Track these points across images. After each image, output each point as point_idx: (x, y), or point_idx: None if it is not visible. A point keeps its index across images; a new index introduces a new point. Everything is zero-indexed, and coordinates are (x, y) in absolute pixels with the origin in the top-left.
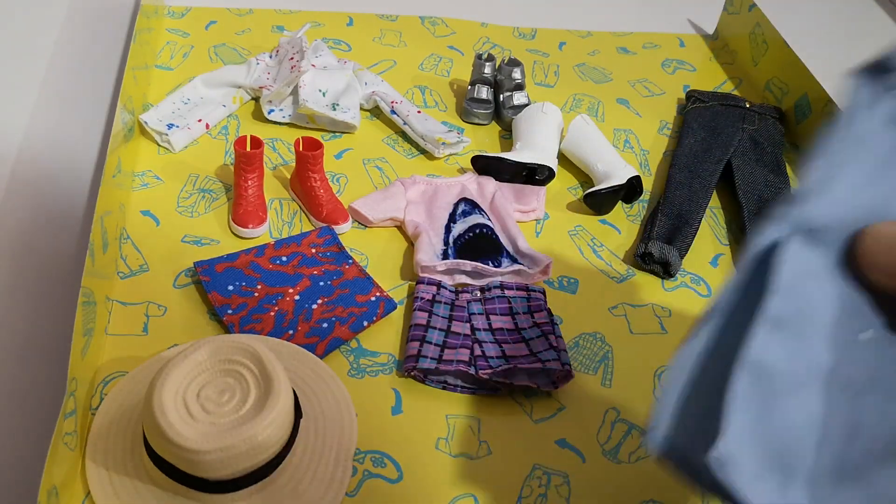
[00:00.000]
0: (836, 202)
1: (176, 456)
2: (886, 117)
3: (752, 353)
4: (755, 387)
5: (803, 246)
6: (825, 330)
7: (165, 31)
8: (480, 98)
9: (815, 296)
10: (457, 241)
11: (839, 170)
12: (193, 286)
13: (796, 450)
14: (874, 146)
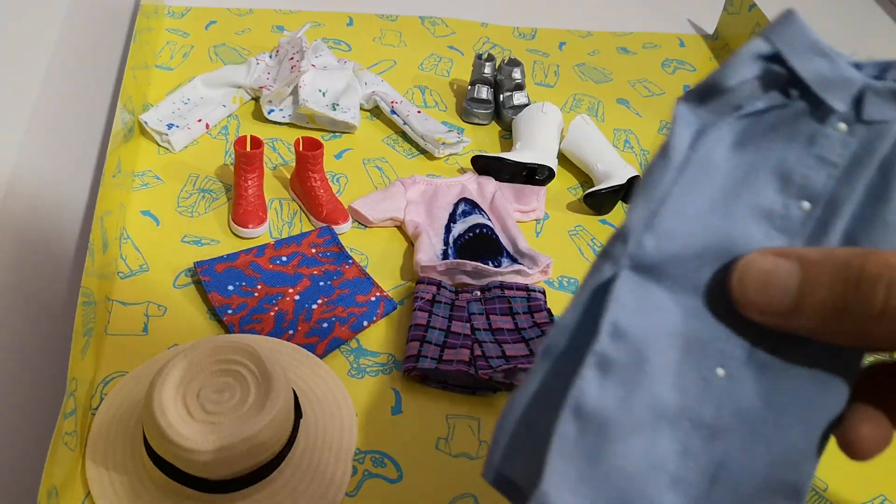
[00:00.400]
0: (677, 234)
1: (176, 456)
2: (730, 142)
3: (578, 397)
4: (583, 431)
5: (638, 283)
6: (669, 368)
7: (165, 31)
8: (480, 98)
9: (653, 334)
10: (457, 241)
11: (679, 200)
12: (193, 286)
13: (643, 494)
14: (718, 173)
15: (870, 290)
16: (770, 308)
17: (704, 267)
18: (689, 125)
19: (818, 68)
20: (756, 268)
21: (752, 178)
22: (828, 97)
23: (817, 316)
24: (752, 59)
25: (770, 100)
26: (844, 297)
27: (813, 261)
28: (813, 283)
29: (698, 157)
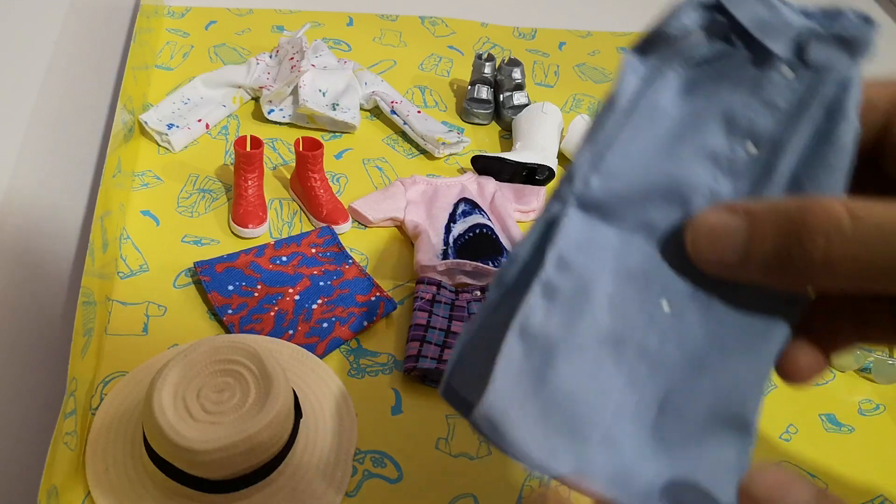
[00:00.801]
0: (623, 175)
1: (176, 456)
2: (677, 89)
3: (523, 321)
4: (529, 352)
5: (584, 219)
6: (613, 299)
7: (165, 31)
8: (480, 98)
9: (598, 267)
10: (457, 241)
11: (626, 143)
12: (193, 286)
13: (590, 415)
14: (665, 118)
15: (810, 242)
16: (721, 262)
17: (651, 206)
18: (636, 73)
19: (758, 14)
20: (706, 225)
21: (699, 123)
22: (769, 42)
23: (764, 268)
24: (694, 7)
25: (715, 47)
26: (788, 250)
27: (758, 215)
28: (758, 238)
29: (645, 102)
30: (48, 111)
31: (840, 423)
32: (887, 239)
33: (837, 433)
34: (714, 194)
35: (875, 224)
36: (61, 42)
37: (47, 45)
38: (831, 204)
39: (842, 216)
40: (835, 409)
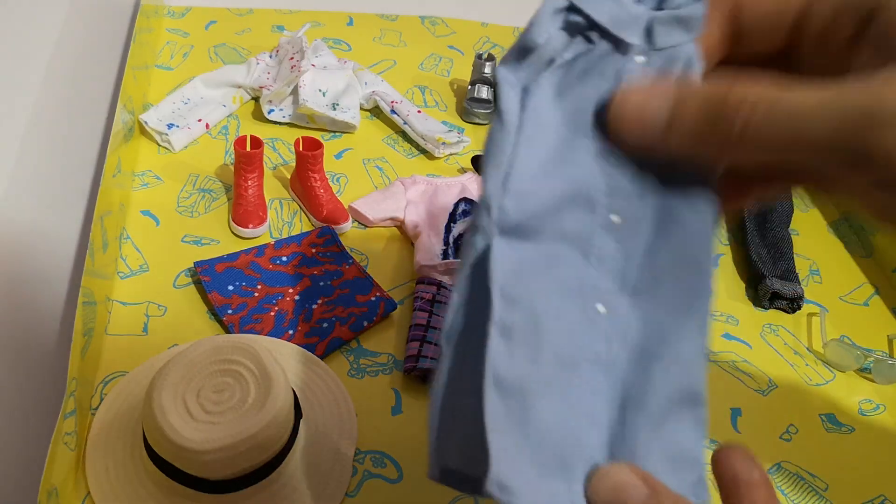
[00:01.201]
0: (531, 191)
1: (176, 456)
2: (552, 94)
3: (493, 370)
4: (507, 400)
5: (511, 245)
6: (560, 318)
7: (165, 31)
8: (481, 98)
9: (538, 290)
10: (457, 240)
11: (524, 159)
12: (193, 286)
13: (574, 441)
14: (550, 125)
15: (731, 116)
16: (645, 136)
17: (563, 213)
18: (513, 86)
19: (609, 10)
20: (630, 101)
21: (580, 122)
22: (622, 34)
23: (685, 140)
24: (553, 13)
25: (577, 48)
26: (709, 124)
27: (682, 91)
28: (682, 112)
29: (529, 115)
30: (48, 111)
31: (840, 423)
32: (798, 118)
33: (838, 433)
34: (611, 187)
35: (792, 105)
36: (61, 42)
37: (47, 45)
38: (749, 83)
39: (759, 96)
40: (835, 409)
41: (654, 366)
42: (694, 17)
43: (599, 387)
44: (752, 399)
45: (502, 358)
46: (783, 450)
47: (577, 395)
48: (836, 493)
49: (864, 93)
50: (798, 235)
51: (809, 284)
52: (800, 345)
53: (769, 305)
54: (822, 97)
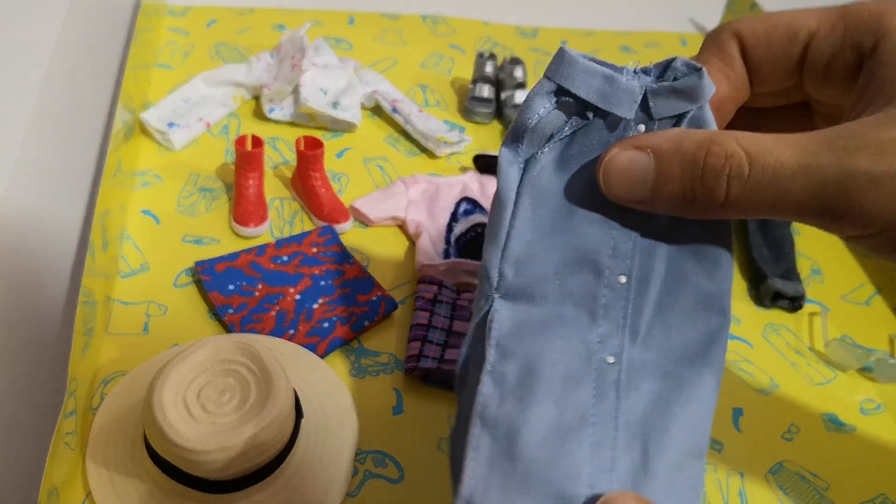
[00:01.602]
0: (529, 259)
1: (176, 456)
2: (553, 168)
3: (481, 410)
4: (494, 438)
5: (512, 307)
6: (561, 377)
7: (166, 30)
8: (482, 97)
9: (538, 349)
10: (458, 240)
11: (522, 229)
12: (194, 286)
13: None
14: (549, 196)
15: (713, 184)
16: (631, 197)
17: (567, 277)
18: (513, 163)
19: (598, 88)
20: (616, 165)
21: (581, 192)
22: (615, 109)
23: (671, 204)
24: (543, 96)
25: (574, 124)
26: (692, 191)
27: (664, 154)
28: (665, 177)
29: (527, 188)
30: (48, 110)
31: (842, 422)
32: (781, 184)
33: (839, 433)
34: (616, 250)
35: (772, 169)
36: (61, 41)
37: (47, 45)
38: (731, 146)
39: (742, 161)
40: (836, 408)
41: (669, 415)
42: (694, 88)
43: (608, 432)
44: (753, 398)
45: (491, 402)
46: (784, 449)
47: (576, 436)
48: (837, 493)
49: (844, 153)
50: (800, 235)
51: (811, 284)
52: (801, 344)
53: (771, 305)
54: (801, 160)
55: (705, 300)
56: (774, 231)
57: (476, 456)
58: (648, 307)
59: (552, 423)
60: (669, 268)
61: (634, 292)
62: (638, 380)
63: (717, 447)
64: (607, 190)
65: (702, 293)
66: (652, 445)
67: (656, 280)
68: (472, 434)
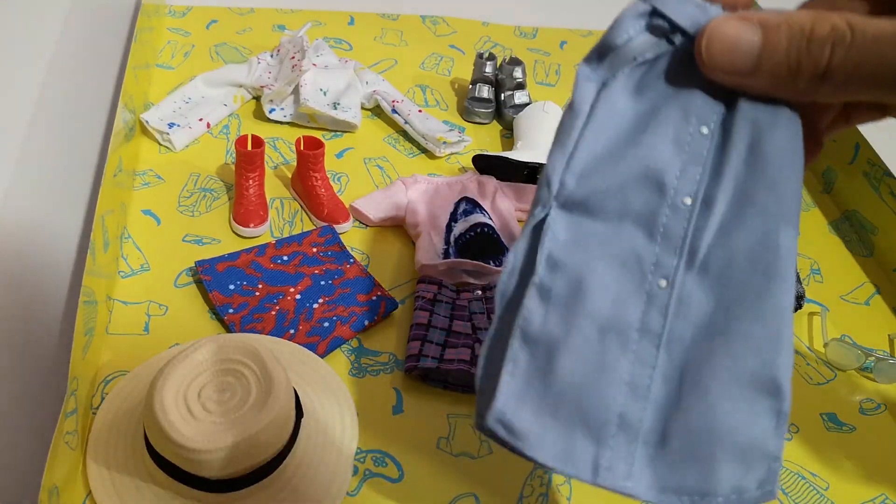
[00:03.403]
0: (595, 171)
1: (177, 455)
2: (631, 89)
3: (523, 325)
4: (533, 355)
5: (569, 218)
6: (609, 288)
7: (166, 30)
8: (481, 97)
9: (589, 260)
10: (458, 240)
11: (591, 142)
12: (194, 285)
13: (600, 402)
14: (624, 116)
15: (818, 52)
16: (734, 69)
17: (629, 193)
18: (591, 81)
19: (691, 14)
20: (722, 33)
21: (656, 115)
22: None
23: (773, 76)
24: (635, 17)
25: (658, 48)
26: (798, 59)
27: (772, 26)
28: (772, 48)
29: (603, 105)
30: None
31: (841, 422)
32: (881, 50)
33: (838, 432)
34: (683, 171)
35: (871, 36)
36: (62, 41)
37: (48, 44)
38: (835, 18)
39: (844, 28)
40: (836, 408)
41: (717, 346)
42: None
43: (648, 358)
44: None
45: (536, 317)
46: (784, 449)
47: (615, 359)
48: (837, 493)
49: None
50: (799, 235)
51: (810, 284)
52: (801, 344)
53: None
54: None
55: (774, 224)
56: None
57: (514, 371)
58: (711, 229)
59: (594, 348)
60: (737, 192)
61: (698, 214)
62: (688, 308)
63: None
64: (708, 59)
65: (771, 216)
66: (690, 379)
67: (721, 203)
68: (512, 348)
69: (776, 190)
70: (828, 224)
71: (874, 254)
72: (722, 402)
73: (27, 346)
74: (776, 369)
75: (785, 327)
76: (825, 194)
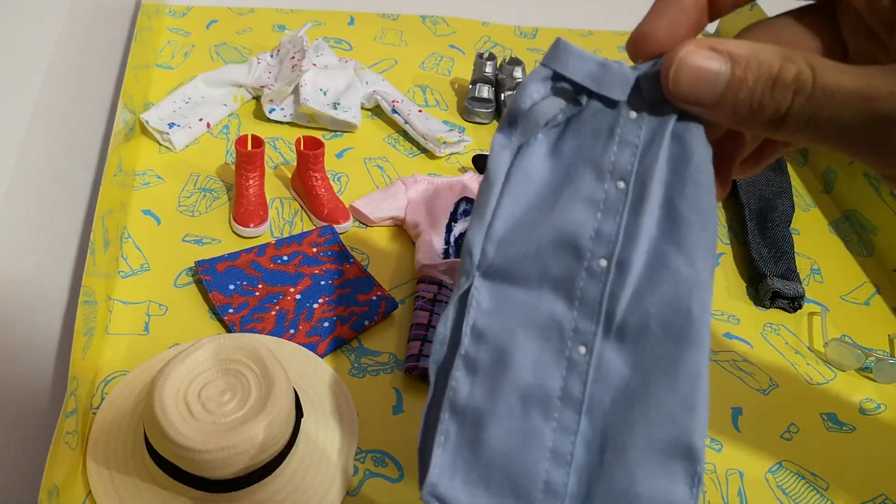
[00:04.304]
0: (512, 238)
1: (177, 455)
2: (544, 153)
3: (452, 397)
4: (462, 425)
5: (491, 287)
6: (530, 356)
7: (166, 30)
8: (481, 97)
9: (511, 329)
10: (458, 240)
11: (507, 210)
12: (194, 285)
13: (527, 471)
14: (538, 180)
15: (781, 95)
16: (696, 100)
17: (546, 259)
18: (505, 148)
19: (591, 72)
20: (690, 63)
21: (570, 175)
22: (608, 92)
23: (735, 112)
24: (539, 81)
25: (567, 111)
26: (761, 100)
27: (741, 60)
28: (737, 84)
29: (518, 171)
30: (49, 110)
31: (841, 422)
32: (834, 106)
33: (838, 432)
34: (598, 232)
35: (829, 89)
36: (62, 41)
37: (48, 45)
38: (801, 62)
39: (807, 76)
40: (836, 408)
41: (635, 412)
42: None
43: (570, 425)
44: (753, 398)
45: (463, 387)
46: (784, 449)
47: (538, 429)
48: (837, 493)
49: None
50: (799, 235)
51: (810, 284)
52: (801, 344)
53: (770, 305)
54: (856, 86)
55: (686, 289)
56: (774, 231)
57: (444, 442)
58: (626, 294)
59: (518, 417)
60: (650, 254)
61: (613, 278)
62: (607, 374)
63: (716, 447)
64: (674, 87)
65: (682, 281)
66: (610, 444)
67: (636, 265)
68: (443, 420)
69: (687, 251)
70: (828, 224)
71: (874, 254)
72: (641, 468)
73: (27, 345)
74: (691, 434)
75: (699, 393)
76: (825, 194)
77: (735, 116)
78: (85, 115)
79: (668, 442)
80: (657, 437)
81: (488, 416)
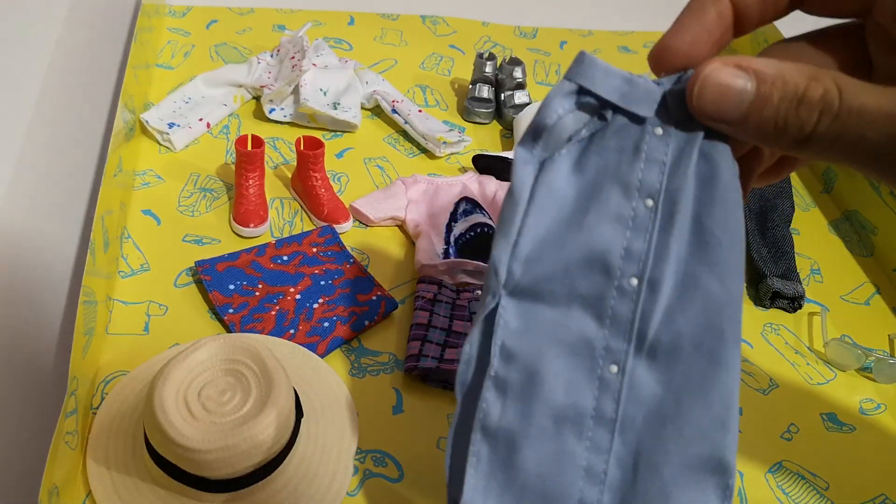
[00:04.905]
0: (539, 256)
1: (177, 455)
2: (568, 169)
3: (483, 419)
4: (494, 447)
5: (518, 305)
6: (562, 375)
7: (166, 30)
8: (481, 97)
9: (541, 348)
10: (458, 240)
11: (533, 228)
12: (194, 285)
13: (562, 492)
14: (564, 197)
15: (806, 115)
16: (721, 117)
17: (575, 277)
18: (528, 164)
19: (618, 88)
20: (715, 79)
21: (597, 193)
22: (634, 108)
23: (760, 130)
24: (563, 96)
25: (592, 126)
26: (786, 119)
27: (767, 79)
28: (762, 103)
29: (542, 187)
30: (49, 110)
31: (841, 422)
32: (861, 127)
33: (838, 432)
34: (628, 250)
35: (856, 110)
36: (62, 41)
37: (48, 44)
38: (828, 81)
39: (834, 96)
40: (836, 408)
41: (668, 430)
42: None
43: (603, 444)
44: (752, 398)
45: (494, 409)
46: (784, 449)
47: (572, 449)
48: (837, 493)
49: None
50: (799, 235)
51: (810, 284)
52: (801, 344)
53: (770, 305)
54: (882, 106)
55: (717, 308)
56: (774, 231)
57: (477, 464)
58: (658, 312)
59: (551, 438)
60: (680, 272)
61: (644, 297)
62: (639, 393)
63: None
64: (698, 104)
65: (713, 300)
66: (643, 462)
67: (667, 285)
68: (474, 442)
69: (717, 270)
70: (828, 224)
71: (874, 254)
72: (674, 484)
73: (27, 345)
74: (723, 450)
75: (731, 411)
76: (825, 194)
77: (760, 134)
78: (85, 115)
79: (702, 459)
80: (691, 455)
81: (521, 437)
